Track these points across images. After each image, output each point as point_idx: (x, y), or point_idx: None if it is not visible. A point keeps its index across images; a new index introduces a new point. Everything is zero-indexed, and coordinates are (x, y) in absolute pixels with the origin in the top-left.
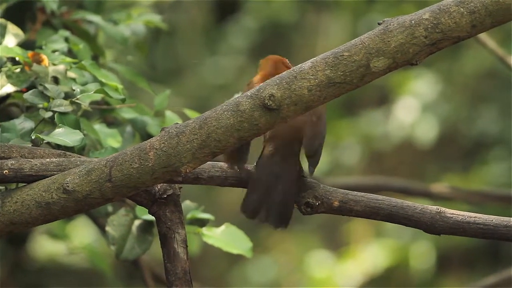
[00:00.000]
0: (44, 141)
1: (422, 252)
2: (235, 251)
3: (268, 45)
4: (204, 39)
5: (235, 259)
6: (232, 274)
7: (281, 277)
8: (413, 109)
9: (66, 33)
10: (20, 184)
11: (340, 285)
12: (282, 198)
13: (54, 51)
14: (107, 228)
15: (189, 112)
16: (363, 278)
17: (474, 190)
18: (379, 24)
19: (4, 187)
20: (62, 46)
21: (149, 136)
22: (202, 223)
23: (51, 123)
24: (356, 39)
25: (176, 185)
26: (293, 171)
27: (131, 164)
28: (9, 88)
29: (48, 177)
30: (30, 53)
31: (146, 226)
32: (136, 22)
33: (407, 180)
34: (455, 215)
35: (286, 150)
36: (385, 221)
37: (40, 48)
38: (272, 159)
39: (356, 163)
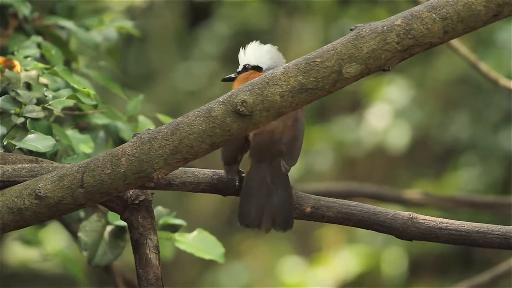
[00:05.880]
0: (16, 147)
1: (394, 258)
2: (207, 256)
3: (240, 51)
4: (176, 44)
5: (208, 265)
6: (204, 279)
7: (253, 282)
8: (385, 115)
9: (39, 39)
10: None
11: None
12: (282, 201)
13: (26, 57)
14: (79, 234)
15: (162, 117)
16: (335, 284)
17: (446, 196)
18: (351, 30)
19: None
20: (35, 52)
21: (122, 141)
22: (174, 228)
23: (23, 129)
24: (328, 45)
25: (148, 191)
26: (282, 174)
27: (103, 170)
28: None
29: (20, 183)
30: (2, 59)
31: (118, 232)
32: (108, 28)
33: (379, 186)
34: (427, 221)
35: (270, 157)
36: (357, 227)
37: (12, 54)
38: (260, 167)
39: (328, 169)
